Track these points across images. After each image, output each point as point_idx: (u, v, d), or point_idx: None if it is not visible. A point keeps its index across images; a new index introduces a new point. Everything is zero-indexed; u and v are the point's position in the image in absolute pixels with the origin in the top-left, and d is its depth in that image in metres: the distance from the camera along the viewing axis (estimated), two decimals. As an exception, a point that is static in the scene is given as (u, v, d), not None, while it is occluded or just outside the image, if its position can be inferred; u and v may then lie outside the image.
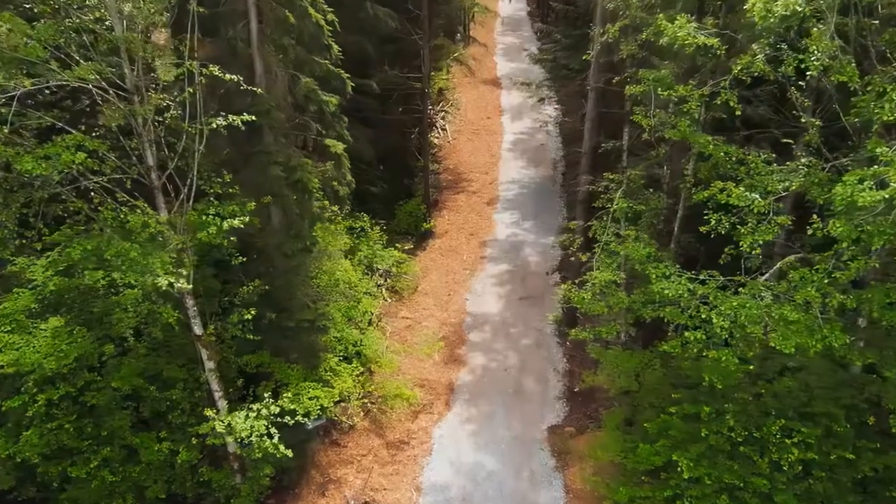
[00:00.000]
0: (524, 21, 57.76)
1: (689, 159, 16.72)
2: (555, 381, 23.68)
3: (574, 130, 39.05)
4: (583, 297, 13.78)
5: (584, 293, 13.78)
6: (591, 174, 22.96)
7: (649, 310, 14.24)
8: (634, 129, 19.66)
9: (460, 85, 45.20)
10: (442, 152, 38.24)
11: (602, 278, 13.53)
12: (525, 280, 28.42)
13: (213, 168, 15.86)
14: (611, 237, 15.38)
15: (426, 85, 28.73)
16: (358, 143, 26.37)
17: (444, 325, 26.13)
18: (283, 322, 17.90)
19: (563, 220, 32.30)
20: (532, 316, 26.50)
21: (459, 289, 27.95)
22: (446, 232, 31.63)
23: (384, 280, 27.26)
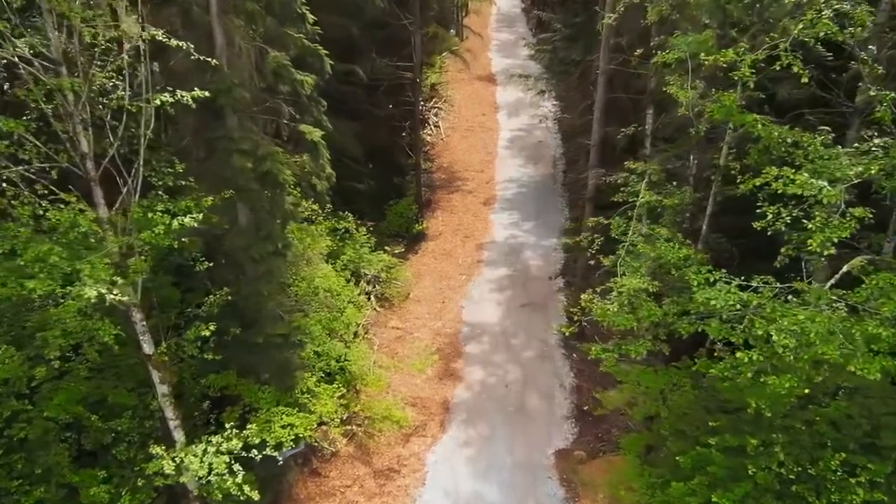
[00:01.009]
0: (519, 17, 55.35)
1: (724, 146, 14.15)
2: (561, 398, 21.05)
3: (574, 126, 36.62)
4: (607, 309, 11.19)
5: (609, 304, 11.19)
6: (601, 168, 20.40)
7: (685, 323, 11.62)
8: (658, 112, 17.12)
9: (454, 81, 42.67)
10: (435, 150, 35.64)
11: (631, 286, 10.98)
12: (526, 285, 25.80)
13: (165, 157, 13.21)
14: (637, 236, 12.80)
15: (417, 75, 26.13)
16: (343, 136, 23.77)
17: (438, 335, 23.47)
18: (250, 337, 15.21)
19: (565, 220, 29.77)
20: (535, 325, 23.87)
21: (455, 296, 25.30)
22: (440, 234, 29.00)
23: (372, 287, 24.58)
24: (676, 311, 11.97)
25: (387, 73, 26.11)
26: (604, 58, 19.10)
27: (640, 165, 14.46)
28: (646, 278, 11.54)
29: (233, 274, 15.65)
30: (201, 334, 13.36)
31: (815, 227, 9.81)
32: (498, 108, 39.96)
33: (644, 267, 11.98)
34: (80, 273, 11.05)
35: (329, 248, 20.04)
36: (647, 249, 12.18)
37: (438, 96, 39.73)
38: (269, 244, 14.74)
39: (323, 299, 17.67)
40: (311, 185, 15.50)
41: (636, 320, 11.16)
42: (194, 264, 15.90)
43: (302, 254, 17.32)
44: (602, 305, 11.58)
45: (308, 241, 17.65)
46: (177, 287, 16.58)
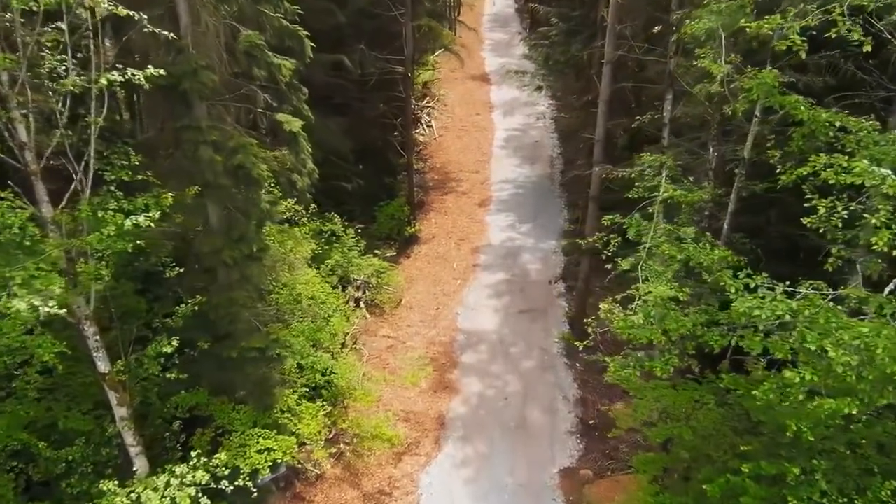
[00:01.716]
0: (512, 17, 53.74)
1: (749, 135, 12.50)
2: (565, 411, 19.33)
3: (570, 125, 35.03)
4: (631, 321, 9.48)
5: (633, 315, 9.48)
6: (606, 164, 18.74)
7: (716, 335, 9.91)
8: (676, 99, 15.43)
9: (447, 80, 41.07)
10: (428, 150, 33.93)
11: (658, 294, 9.29)
12: (525, 291, 24.09)
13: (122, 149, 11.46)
14: (660, 236, 11.12)
15: (409, 69, 24.45)
16: (330, 133, 22.08)
17: (431, 344, 21.72)
18: (223, 351, 13.46)
19: (564, 221, 28.12)
20: (534, 333, 22.17)
21: (449, 302, 23.57)
22: (433, 237, 27.27)
23: (361, 293, 22.84)
24: (704, 320, 10.27)
25: (377, 67, 24.40)
26: (609, 46, 17.45)
27: (658, 157, 12.82)
28: (673, 284, 9.85)
29: (204, 281, 13.91)
30: (161, 351, 11.58)
31: (878, 222, 8.14)
32: (493, 108, 38.31)
33: (670, 271, 10.31)
34: (11, 281, 9.28)
35: (314, 251, 18.28)
36: (673, 251, 10.51)
37: (431, 95, 38.08)
38: (243, 247, 13.00)
39: (306, 308, 15.90)
40: (291, 181, 13.76)
41: (663, 333, 9.48)
42: (164, 270, 14.23)
43: (283, 258, 15.57)
44: (623, 316, 9.88)
45: (290, 245, 15.90)
46: (143, 296, 14.83)
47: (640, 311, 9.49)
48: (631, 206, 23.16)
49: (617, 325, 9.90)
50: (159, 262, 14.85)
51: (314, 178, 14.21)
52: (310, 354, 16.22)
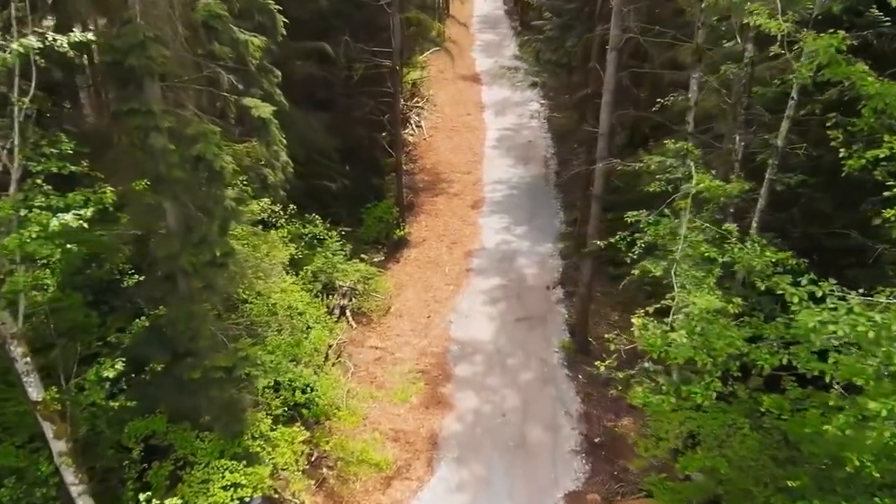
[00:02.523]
0: (502, 19, 52.03)
1: (784, 120, 10.68)
2: (568, 428, 17.42)
3: (565, 125, 33.34)
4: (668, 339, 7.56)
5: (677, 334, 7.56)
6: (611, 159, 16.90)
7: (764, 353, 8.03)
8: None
9: (436, 81, 39.18)
10: (417, 150, 32.01)
11: (704, 305, 7.40)
12: (521, 297, 22.19)
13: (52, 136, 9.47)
14: (697, 235, 9.23)
15: (397, 62, 22.52)
16: (313, 130, 20.14)
17: (423, 355, 19.76)
18: (183, 372, 11.44)
19: (560, 223, 26.26)
20: (533, 342, 20.26)
21: (441, 309, 21.63)
22: (424, 240, 25.35)
23: (347, 300, 20.87)
24: (747, 335, 8.39)
25: (363, 60, 22.48)
26: (615, 29, 15.61)
27: (683, 144, 10.98)
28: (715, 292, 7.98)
29: (163, 290, 11.91)
30: (103, 375, 9.56)
31: None
32: (484, 108, 36.46)
33: (712, 277, 8.43)
34: None
35: (293, 256, 16.30)
36: (713, 253, 8.65)
37: (420, 95, 36.18)
38: (205, 252, 11.00)
39: (283, 319, 13.91)
40: (261, 175, 11.80)
41: (709, 353, 7.60)
42: (121, 278, 12.26)
43: (255, 264, 13.58)
44: (659, 335, 7.92)
45: (264, 249, 13.91)
46: (96, 308, 12.79)
47: (682, 327, 7.60)
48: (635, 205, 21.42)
49: (649, 343, 7.98)
50: (116, 269, 12.91)
51: (288, 172, 12.26)
52: (287, 371, 14.23)
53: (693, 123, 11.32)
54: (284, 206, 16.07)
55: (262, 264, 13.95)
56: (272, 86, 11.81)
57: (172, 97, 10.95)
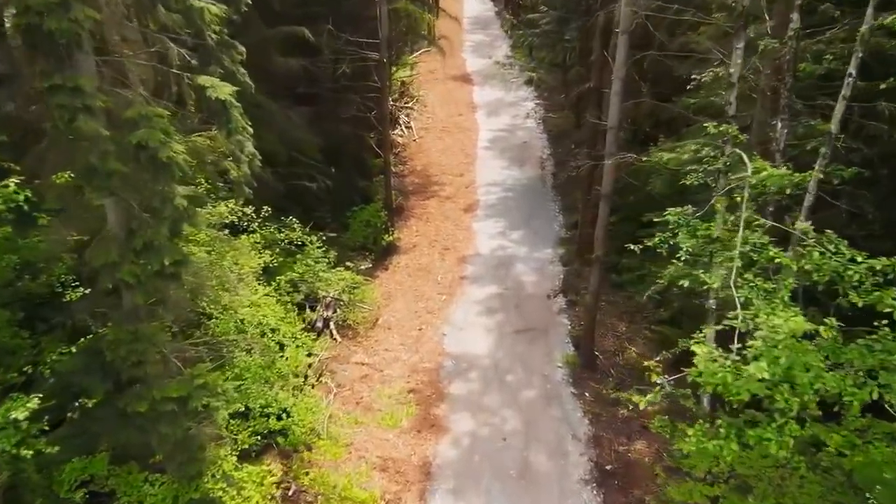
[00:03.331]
0: (493, 20, 50.35)
1: (840, 101, 8.86)
2: (576, 453, 15.48)
3: (561, 125, 31.61)
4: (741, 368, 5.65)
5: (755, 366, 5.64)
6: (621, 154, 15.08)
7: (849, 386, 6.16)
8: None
9: (426, 81, 37.38)
10: (407, 152, 30.11)
11: (792, 329, 5.53)
12: (520, 307, 20.28)
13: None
14: (760, 237, 7.35)
15: (385, 55, 20.63)
16: (293, 126, 18.21)
17: (414, 372, 17.79)
18: (128, 405, 9.44)
19: (560, 227, 24.40)
20: (534, 356, 18.35)
21: (434, 321, 19.68)
22: (414, 246, 23.41)
23: (331, 312, 18.89)
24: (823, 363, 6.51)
25: (348, 52, 20.57)
26: (626, 6, 13.75)
27: (727, 127, 9.09)
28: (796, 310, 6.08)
29: (106, 306, 9.91)
30: (11, 416, 7.54)
31: None
32: (476, 108, 34.64)
33: (785, 290, 6.52)
34: None
35: (267, 264, 14.33)
36: (787, 261, 6.77)
37: (409, 95, 34.33)
38: (151, 260, 9.02)
39: (253, 337, 11.91)
40: (220, 169, 9.84)
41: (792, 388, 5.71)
42: (63, 291, 10.26)
43: (220, 274, 11.60)
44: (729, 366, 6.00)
45: (232, 257, 11.91)
46: (29, 327, 10.77)
47: (763, 357, 5.69)
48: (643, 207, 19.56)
49: (716, 379, 6.03)
50: (56, 280, 10.89)
51: (255, 166, 10.28)
52: (258, 396, 12.23)
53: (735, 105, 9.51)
54: (258, 208, 14.09)
55: (229, 274, 11.96)
56: (234, 63, 9.86)
57: (111, 74, 8.99)
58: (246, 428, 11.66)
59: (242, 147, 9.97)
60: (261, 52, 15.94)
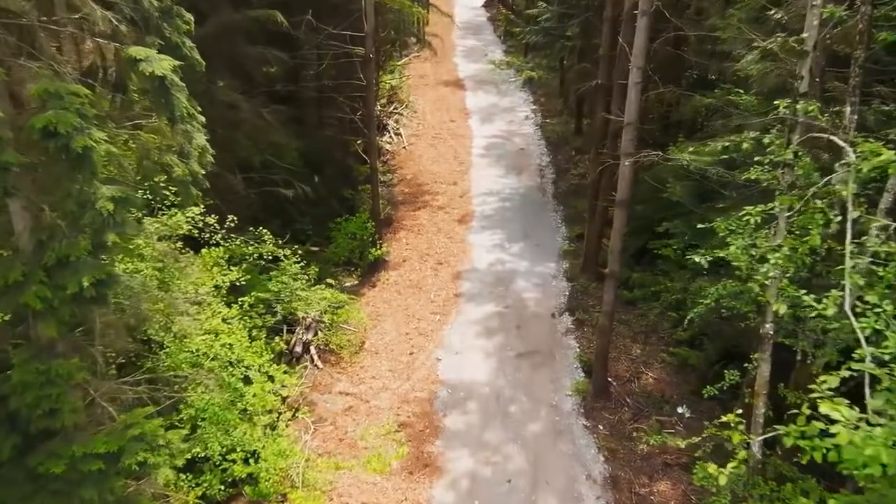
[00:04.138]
0: (485, 26, 48.85)
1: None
2: (591, 497, 13.49)
3: (559, 131, 29.92)
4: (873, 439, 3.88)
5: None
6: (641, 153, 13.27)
7: None
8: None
9: (416, 87, 35.68)
10: (396, 160, 28.26)
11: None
12: (522, 327, 18.35)
13: None
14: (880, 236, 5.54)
15: (370, 49, 18.80)
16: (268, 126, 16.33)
17: (404, 403, 15.79)
18: (40, 464, 7.41)
19: (563, 239, 22.54)
20: (540, 384, 16.40)
21: (427, 344, 17.70)
22: (405, 260, 21.47)
23: (312, 335, 16.91)
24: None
25: (331, 46, 18.72)
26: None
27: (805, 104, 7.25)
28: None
29: (16, 337, 7.89)
30: None
31: None
32: (469, 114, 32.87)
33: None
34: None
35: (233, 282, 12.33)
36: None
37: (399, 100, 32.55)
38: (67, 278, 7.04)
39: (209, 373, 9.90)
40: (164, 165, 7.89)
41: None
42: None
43: (170, 296, 9.60)
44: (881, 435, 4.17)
45: (176, 276, 9.90)
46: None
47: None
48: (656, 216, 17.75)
49: (857, 454, 4.09)
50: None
51: (207, 162, 8.33)
52: (218, 440, 10.18)
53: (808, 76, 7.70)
54: (221, 217, 12.13)
55: (181, 296, 9.97)
56: (178, 35, 7.94)
57: (15, 42, 7.04)
58: (199, 482, 9.62)
59: (190, 138, 8.03)
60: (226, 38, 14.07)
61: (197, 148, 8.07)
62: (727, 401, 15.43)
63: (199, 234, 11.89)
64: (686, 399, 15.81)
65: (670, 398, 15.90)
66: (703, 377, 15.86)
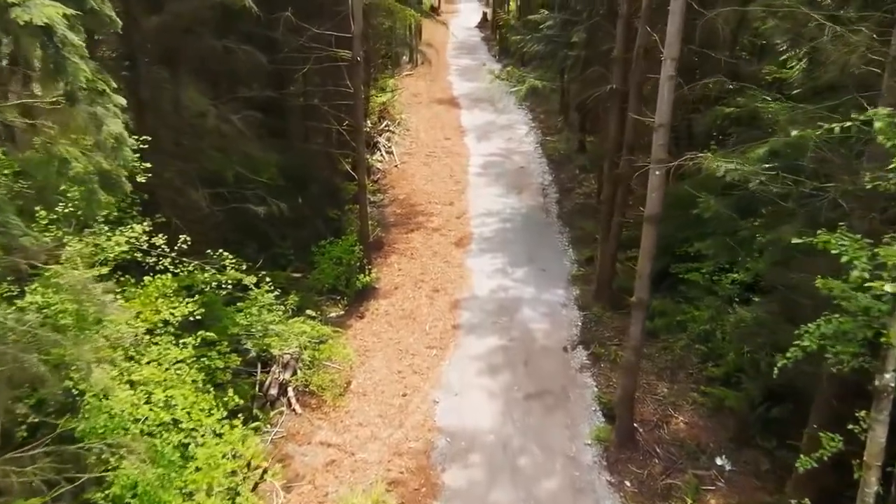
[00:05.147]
0: (480, 46, 47.18)
1: None
2: (622, 574, 11.04)
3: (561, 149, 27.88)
4: None
5: None
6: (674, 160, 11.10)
7: None
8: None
9: (409, 105, 33.74)
10: (388, 179, 26.06)
11: None
12: (531, 364, 15.95)
13: None
14: None
15: (358, 52, 16.66)
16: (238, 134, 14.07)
17: (396, 455, 13.29)
18: None
19: (571, 263, 20.26)
20: (553, 430, 13.95)
21: (422, 384, 15.25)
22: (396, 287, 19.09)
23: (289, 374, 14.49)
24: None
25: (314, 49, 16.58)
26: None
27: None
28: None
29: None
30: None
31: None
32: (465, 132, 30.80)
33: None
34: None
35: (184, 317, 9.92)
36: None
37: (391, 117, 30.49)
38: None
39: (136, 442, 7.44)
40: (58, 157, 5.56)
41: None
42: None
43: (82, 340, 7.20)
44: None
45: (92, 311, 7.46)
46: None
47: None
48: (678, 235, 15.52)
49: None
50: None
51: (126, 157, 6.00)
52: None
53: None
54: (171, 238, 9.76)
55: (109, 336, 7.56)
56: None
57: None
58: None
59: (100, 123, 5.71)
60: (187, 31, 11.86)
61: (109, 137, 5.74)
62: (774, 450, 13.13)
63: (143, 259, 9.50)
64: (725, 448, 13.38)
65: (707, 447, 13.47)
66: (745, 422, 13.55)
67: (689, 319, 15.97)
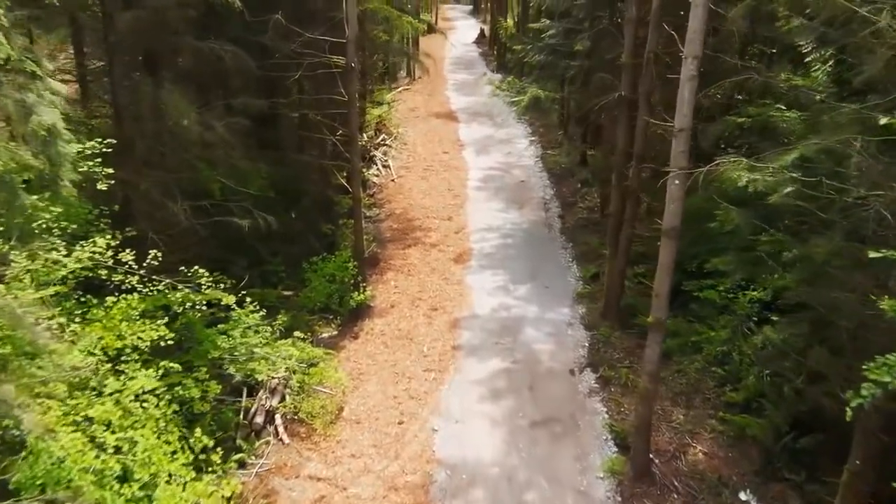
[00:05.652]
0: (477, 61, 46.52)
1: None
2: None
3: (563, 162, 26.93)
4: None
5: None
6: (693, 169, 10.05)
7: None
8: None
9: (406, 119, 32.82)
10: (384, 193, 24.99)
11: None
12: (536, 388, 14.78)
13: None
14: None
15: (352, 57, 15.65)
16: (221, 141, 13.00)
17: (392, 490, 12.07)
18: None
19: (576, 280, 19.15)
20: (562, 462, 12.74)
21: (420, 410, 14.05)
22: (393, 306, 17.93)
23: (277, 401, 13.31)
24: None
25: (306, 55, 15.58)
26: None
27: None
28: None
29: None
30: None
31: None
32: (463, 146, 29.83)
33: None
34: None
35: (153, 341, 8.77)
36: None
37: (387, 131, 29.52)
38: None
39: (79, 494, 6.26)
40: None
41: None
42: None
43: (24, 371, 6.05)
44: None
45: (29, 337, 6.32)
46: None
47: None
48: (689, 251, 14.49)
49: None
50: None
51: (61, 153, 4.89)
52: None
53: None
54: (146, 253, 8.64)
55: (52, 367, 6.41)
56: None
57: None
58: None
59: (27, 112, 4.62)
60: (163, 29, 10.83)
61: (39, 126, 4.65)
62: (802, 484, 11.96)
63: (108, 276, 8.38)
64: (749, 481, 12.19)
65: (729, 480, 12.26)
66: (770, 452, 12.38)
67: (703, 340, 14.87)
